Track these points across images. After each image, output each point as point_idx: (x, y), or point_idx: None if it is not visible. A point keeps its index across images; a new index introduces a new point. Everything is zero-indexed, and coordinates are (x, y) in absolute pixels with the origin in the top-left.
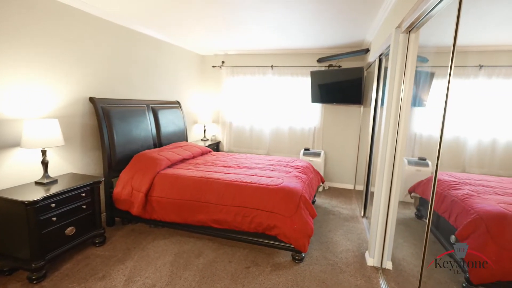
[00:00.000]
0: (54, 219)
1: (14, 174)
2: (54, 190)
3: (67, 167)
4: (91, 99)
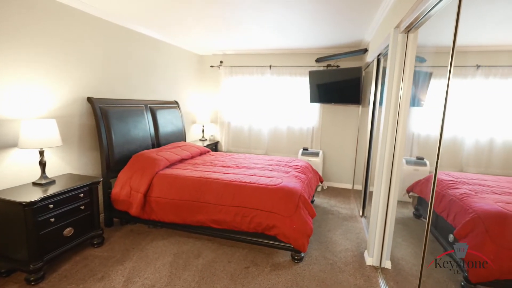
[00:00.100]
0: (52, 220)
1: (11, 174)
2: (52, 190)
3: (65, 168)
4: (89, 99)
